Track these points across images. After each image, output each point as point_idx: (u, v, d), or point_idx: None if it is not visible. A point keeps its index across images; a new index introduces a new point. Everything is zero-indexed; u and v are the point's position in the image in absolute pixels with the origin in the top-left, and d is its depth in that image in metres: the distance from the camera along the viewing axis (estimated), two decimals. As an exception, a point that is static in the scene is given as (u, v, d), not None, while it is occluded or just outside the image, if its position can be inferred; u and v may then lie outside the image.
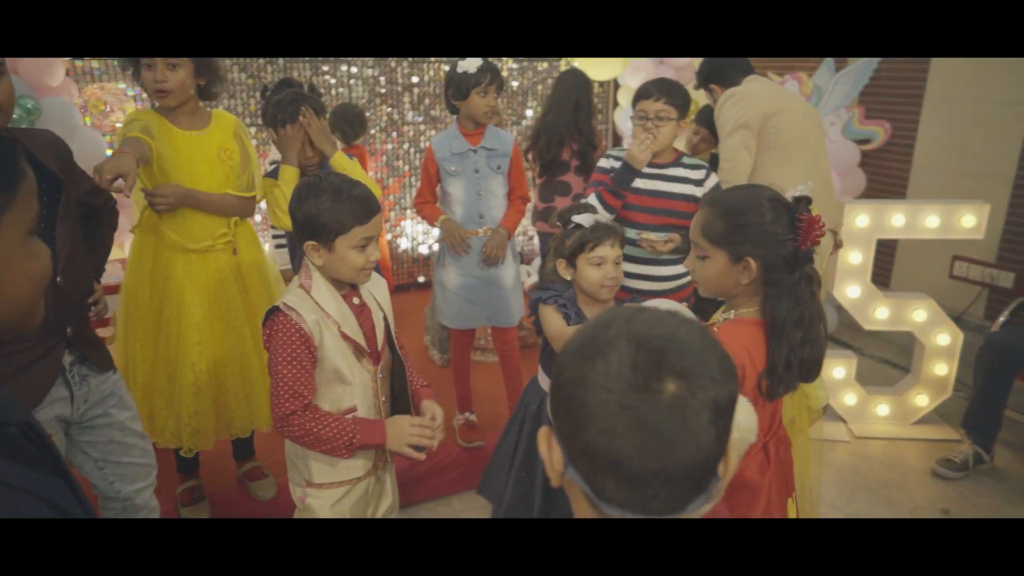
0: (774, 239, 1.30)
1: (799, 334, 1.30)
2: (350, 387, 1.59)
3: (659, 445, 0.59)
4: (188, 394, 2.08)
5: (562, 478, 0.66)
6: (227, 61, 3.66)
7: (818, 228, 1.29)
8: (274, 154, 2.72)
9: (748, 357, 1.30)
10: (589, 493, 0.64)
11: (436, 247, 4.29)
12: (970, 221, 2.96)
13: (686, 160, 2.35)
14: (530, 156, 3.28)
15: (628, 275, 2.20)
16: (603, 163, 2.41)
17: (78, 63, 3.36)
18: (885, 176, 4.22)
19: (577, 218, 1.82)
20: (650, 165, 2.27)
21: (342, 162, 2.17)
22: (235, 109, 3.84)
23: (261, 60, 3.82)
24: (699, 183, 2.31)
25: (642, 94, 2.29)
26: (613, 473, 0.61)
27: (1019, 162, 3.59)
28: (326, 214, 1.47)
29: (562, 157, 3.21)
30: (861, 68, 4.01)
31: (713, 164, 3.14)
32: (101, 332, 1.74)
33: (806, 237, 1.29)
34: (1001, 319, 3.06)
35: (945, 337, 3.04)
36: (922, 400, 3.11)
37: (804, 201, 1.31)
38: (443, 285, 2.62)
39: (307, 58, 3.88)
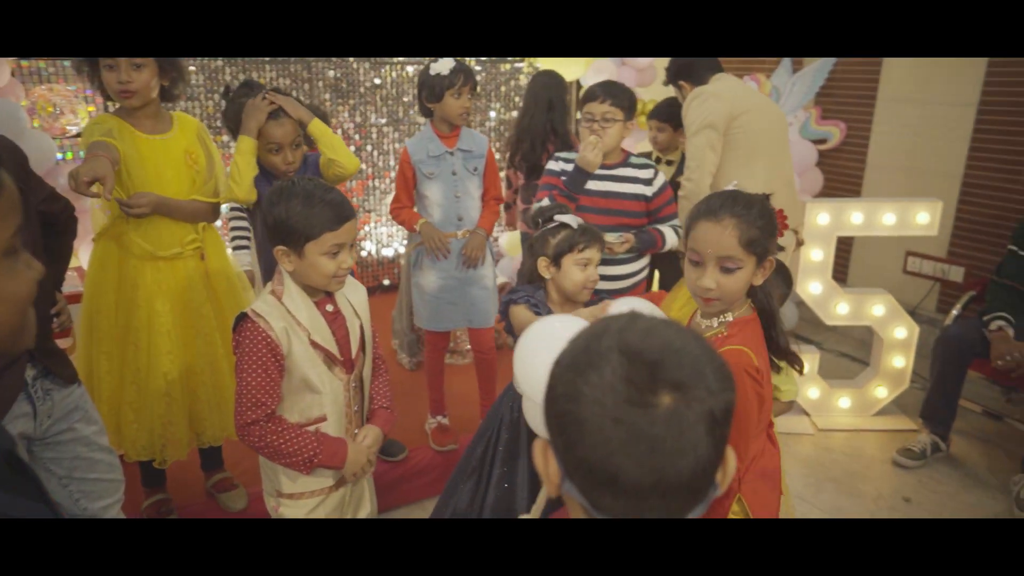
0: (776, 233, 1.40)
1: (780, 312, 1.43)
2: (319, 396, 1.56)
3: (655, 458, 0.58)
4: (160, 404, 2.01)
5: (559, 490, 0.66)
6: (187, 62, 3.57)
7: (784, 218, 1.44)
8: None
9: (761, 358, 1.34)
10: (586, 506, 0.63)
11: (403, 250, 4.26)
12: (924, 218, 3.06)
13: (634, 160, 2.38)
14: (516, 160, 3.14)
15: None
16: (552, 165, 2.41)
17: (24, 63, 3.24)
18: (841, 175, 4.34)
19: (562, 218, 1.82)
20: (599, 167, 2.30)
21: (321, 127, 2.09)
22: (192, 111, 3.74)
23: (219, 61, 3.73)
24: (648, 182, 2.34)
25: (588, 96, 2.32)
26: (609, 487, 0.60)
27: (967, 160, 3.73)
28: (296, 218, 1.45)
29: (541, 161, 3.08)
30: (818, 69, 4.12)
31: (683, 163, 3.17)
32: (59, 344, 1.67)
33: (781, 228, 1.41)
34: (954, 312, 3.17)
35: (902, 331, 3.13)
36: (881, 392, 3.21)
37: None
38: (421, 288, 2.59)
39: (268, 58, 3.81)
